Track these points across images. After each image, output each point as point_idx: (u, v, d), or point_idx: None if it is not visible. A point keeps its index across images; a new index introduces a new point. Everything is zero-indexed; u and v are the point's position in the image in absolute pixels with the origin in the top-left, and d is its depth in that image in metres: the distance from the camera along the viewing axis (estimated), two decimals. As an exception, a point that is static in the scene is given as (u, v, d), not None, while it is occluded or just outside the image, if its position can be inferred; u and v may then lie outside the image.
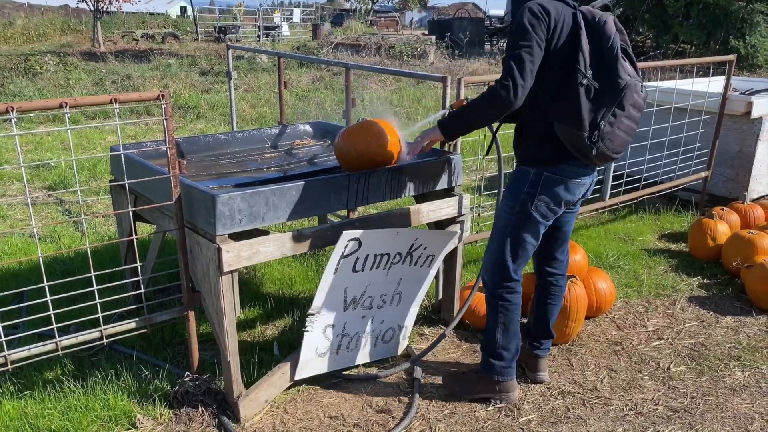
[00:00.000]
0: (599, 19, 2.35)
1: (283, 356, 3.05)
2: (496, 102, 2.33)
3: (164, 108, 2.43)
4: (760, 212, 4.61)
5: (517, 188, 2.54)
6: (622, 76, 2.29)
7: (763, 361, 3.11)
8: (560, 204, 2.53)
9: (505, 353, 2.69)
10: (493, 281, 2.66)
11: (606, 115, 2.30)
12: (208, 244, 2.47)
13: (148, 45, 19.60)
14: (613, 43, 2.31)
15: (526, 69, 2.28)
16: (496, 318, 2.67)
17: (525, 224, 2.54)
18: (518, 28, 2.32)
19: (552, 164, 2.47)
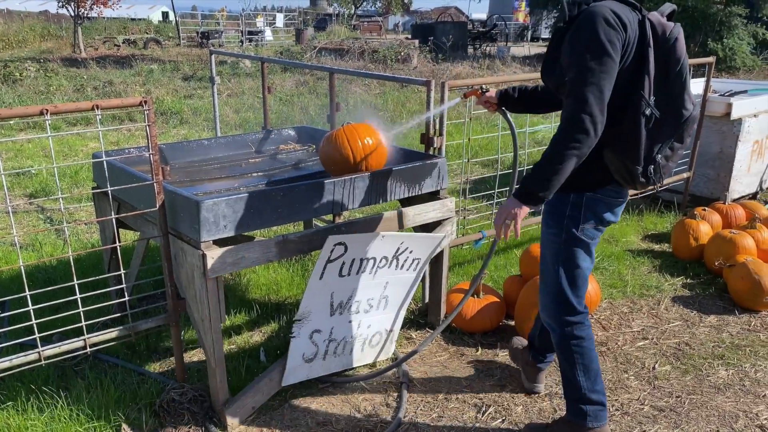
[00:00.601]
0: (670, 35, 2.04)
1: (269, 362, 3.04)
2: (586, 144, 1.97)
3: (147, 114, 2.41)
4: (741, 212, 4.67)
5: (559, 213, 2.28)
6: (687, 107, 2.07)
7: (746, 359, 3.15)
8: (604, 224, 2.30)
9: (594, 395, 2.39)
10: (558, 320, 2.38)
11: (663, 148, 2.09)
12: (192, 250, 2.45)
13: (129, 51, 19.48)
14: (683, 67, 2.05)
15: (605, 97, 1.96)
16: (573, 360, 2.38)
17: (576, 249, 2.29)
18: (593, 44, 1.96)
19: (594, 189, 2.23)
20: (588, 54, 1.96)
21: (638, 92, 2.02)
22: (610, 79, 1.97)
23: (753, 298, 3.62)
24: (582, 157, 2.01)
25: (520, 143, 3.33)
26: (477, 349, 3.25)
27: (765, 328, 3.46)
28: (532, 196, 2.07)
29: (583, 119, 1.94)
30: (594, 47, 1.95)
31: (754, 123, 5.13)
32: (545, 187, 2.04)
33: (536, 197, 2.07)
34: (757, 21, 16.15)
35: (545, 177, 2.03)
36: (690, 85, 2.08)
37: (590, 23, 1.97)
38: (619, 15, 1.99)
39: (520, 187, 2.11)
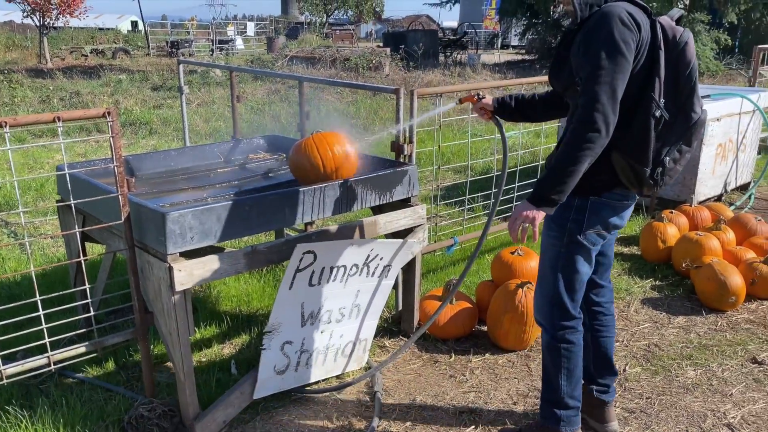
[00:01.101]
0: (680, 39, 2.06)
1: (241, 375, 3.00)
2: (599, 144, 1.98)
3: (111, 125, 2.38)
4: (707, 214, 4.76)
5: (563, 216, 2.24)
6: (696, 110, 2.08)
7: (714, 359, 3.20)
8: (609, 229, 2.28)
9: (572, 401, 2.41)
10: (551, 323, 2.38)
11: (672, 151, 2.09)
12: (159, 263, 2.41)
13: (97, 61, 19.21)
14: (692, 71, 2.06)
15: (618, 97, 1.97)
16: (559, 363, 2.38)
17: (576, 254, 2.28)
18: (608, 43, 1.96)
19: (599, 192, 2.21)
20: (602, 53, 1.96)
21: (649, 94, 2.03)
22: (624, 78, 1.98)
23: (719, 299, 3.68)
24: (595, 157, 2.01)
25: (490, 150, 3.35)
26: (450, 356, 3.25)
27: (731, 328, 3.52)
28: (547, 200, 2.07)
29: (596, 118, 1.95)
30: (609, 46, 1.96)
31: (717, 127, 5.24)
32: (560, 189, 2.04)
33: (551, 200, 2.06)
34: (720, 27, 16.55)
35: (560, 179, 2.02)
36: (699, 89, 2.10)
37: (605, 23, 1.98)
38: (633, 15, 2.01)
39: (534, 190, 2.10)
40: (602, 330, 2.57)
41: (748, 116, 5.68)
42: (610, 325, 2.58)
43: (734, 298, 3.65)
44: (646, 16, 2.08)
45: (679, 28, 2.10)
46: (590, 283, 2.49)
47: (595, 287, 2.54)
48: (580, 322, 2.40)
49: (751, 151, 5.95)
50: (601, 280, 2.54)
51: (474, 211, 5.13)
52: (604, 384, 2.60)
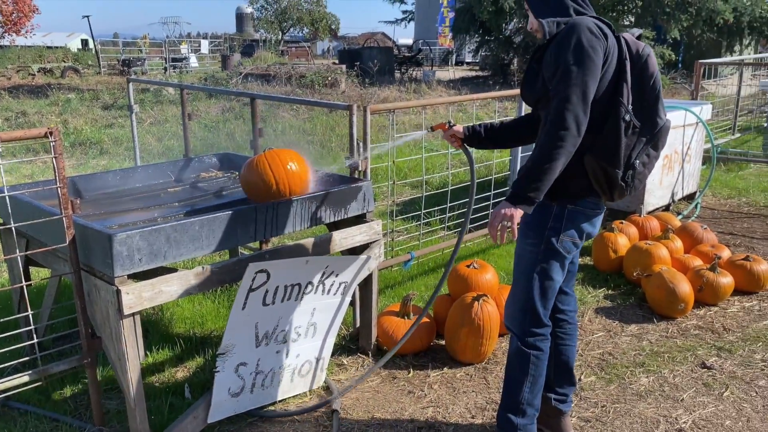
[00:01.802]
0: (642, 52, 2.20)
1: (195, 399, 2.92)
2: (570, 143, 2.07)
3: (53, 146, 2.31)
4: (656, 224, 4.89)
5: (541, 224, 2.32)
6: (661, 116, 2.22)
7: (665, 365, 3.27)
8: (583, 237, 2.36)
9: (530, 409, 2.44)
10: (522, 329, 2.41)
11: (641, 154, 2.20)
12: (106, 286, 2.34)
13: (46, 80, 18.75)
14: (656, 80, 2.21)
15: (588, 99, 2.08)
16: (526, 370, 2.41)
17: (552, 261, 2.34)
18: (577, 50, 2.08)
19: (577, 198, 2.29)
20: (572, 58, 2.08)
21: (618, 99, 2.14)
22: (593, 81, 2.09)
23: (669, 306, 3.78)
24: (569, 156, 2.09)
25: (446, 165, 3.37)
26: (409, 371, 3.23)
27: (681, 335, 3.61)
28: (524, 198, 2.14)
29: (567, 118, 2.05)
30: (578, 52, 2.08)
31: (663, 139, 5.40)
32: (536, 187, 2.11)
33: (528, 198, 2.13)
34: (663, 43, 17.16)
35: (535, 178, 2.10)
36: (662, 98, 2.23)
37: (574, 31, 2.11)
38: (600, 26, 2.15)
39: (512, 190, 2.17)
40: (565, 338, 2.62)
41: (692, 128, 5.88)
42: (573, 334, 2.64)
43: (683, 305, 3.75)
44: (610, 31, 2.20)
45: (640, 43, 2.25)
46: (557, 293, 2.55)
47: (561, 295, 2.59)
48: (549, 331, 2.45)
49: (696, 162, 6.15)
50: (566, 288, 2.60)
51: (431, 225, 5.15)
52: (562, 393, 2.64)
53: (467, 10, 18.79)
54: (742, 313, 3.89)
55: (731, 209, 6.16)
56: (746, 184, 6.98)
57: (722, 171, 7.51)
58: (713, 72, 11.46)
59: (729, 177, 7.26)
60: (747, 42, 18.73)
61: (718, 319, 3.79)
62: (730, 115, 9.76)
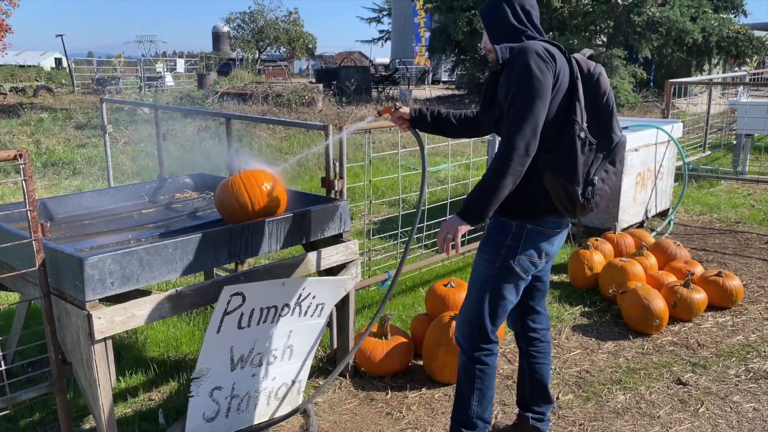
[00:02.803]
0: (594, 71, 2.26)
1: (169, 425, 2.86)
2: (518, 164, 2.12)
3: (23, 168, 2.26)
4: (630, 241, 4.95)
5: (498, 241, 2.35)
6: (616, 132, 2.26)
7: (641, 382, 3.29)
8: (542, 257, 2.38)
9: (480, 423, 2.48)
10: (469, 343, 2.44)
11: (599, 170, 2.24)
12: (77, 311, 2.29)
13: (18, 99, 18.51)
14: (609, 97, 2.26)
15: (539, 121, 2.13)
16: (472, 384, 2.44)
17: (506, 280, 2.36)
18: (526, 74, 2.13)
19: (537, 217, 2.31)
20: (522, 83, 2.14)
21: (572, 118, 2.20)
22: (543, 102, 2.14)
23: (644, 322, 3.81)
24: (517, 176, 2.16)
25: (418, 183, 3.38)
26: (387, 393, 3.21)
27: (656, 351, 3.64)
28: (472, 215, 2.23)
29: (517, 142, 2.11)
30: (527, 76, 2.13)
31: (635, 157, 5.49)
32: (484, 207, 2.20)
33: (476, 215, 2.22)
34: (635, 62, 17.52)
35: (485, 196, 2.18)
36: (616, 114, 2.29)
37: (523, 57, 2.16)
38: (548, 49, 2.20)
39: (463, 206, 2.25)
40: (538, 357, 2.64)
41: (664, 146, 5.99)
42: (546, 352, 2.66)
43: (658, 321, 3.78)
44: (561, 53, 2.26)
45: (591, 62, 2.31)
46: (527, 310, 2.61)
47: (532, 313, 2.62)
48: (497, 347, 2.48)
49: (668, 179, 6.26)
50: (538, 307, 2.63)
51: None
52: (539, 412, 2.67)
53: (443, 30, 19.02)
54: (716, 328, 3.93)
55: (703, 225, 6.27)
56: (717, 200, 7.11)
57: (694, 188, 7.65)
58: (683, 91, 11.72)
59: (700, 194, 7.39)
60: (716, 61, 19.21)
61: (693, 335, 3.83)
62: (700, 133, 9.97)
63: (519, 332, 2.68)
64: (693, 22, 16.72)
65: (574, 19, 17.14)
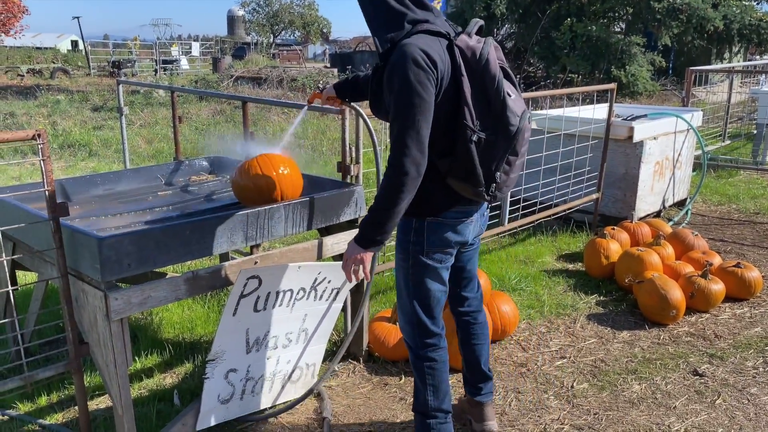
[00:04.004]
0: (480, 57, 2.08)
1: (184, 406, 2.88)
2: (409, 185, 2.03)
3: (41, 148, 2.27)
4: (647, 230, 4.90)
5: (405, 240, 2.32)
6: (512, 122, 2.09)
7: (657, 372, 3.26)
8: (452, 245, 2.33)
9: (440, 414, 2.47)
10: (414, 342, 2.44)
11: (500, 165, 2.14)
12: (94, 291, 2.30)
13: (35, 81, 18.61)
14: (499, 86, 2.08)
15: (423, 137, 2.01)
16: (424, 379, 2.45)
17: (424, 274, 2.33)
18: (405, 88, 1.99)
19: (435, 213, 2.26)
20: (402, 99, 2.00)
21: (462, 122, 2.06)
22: (426, 118, 2.01)
23: (660, 312, 3.77)
24: (410, 195, 2.06)
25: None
26: (400, 378, 3.21)
27: (673, 341, 3.61)
28: (370, 241, 2.14)
29: (404, 162, 2.01)
30: (406, 91, 1.99)
31: (654, 145, 5.42)
32: (380, 231, 2.12)
33: (374, 241, 2.14)
34: (654, 49, 17.27)
35: (379, 222, 2.10)
36: (510, 101, 2.10)
37: (401, 67, 1.99)
38: (428, 53, 2.00)
39: (359, 233, 2.17)
40: (472, 337, 2.67)
41: (683, 135, 5.91)
42: (480, 333, 2.68)
43: (675, 312, 3.74)
44: (443, 46, 2.08)
45: (478, 45, 2.11)
46: (456, 297, 2.64)
47: (462, 299, 2.66)
48: (442, 339, 2.45)
49: (686, 169, 6.18)
50: (465, 293, 2.65)
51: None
52: (478, 386, 2.71)
53: (459, 14, 18.81)
54: (734, 320, 3.89)
55: (721, 216, 6.19)
56: (736, 191, 7.02)
57: (712, 178, 7.55)
58: (703, 79, 11.54)
59: (719, 184, 7.29)
60: (736, 50, 18.89)
61: (710, 326, 3.79)
62: (719, 123, 9.82)
63: (453, 317, 2.72)
64: (714, 9, 16.43)
65: (593, 5, 16.90)
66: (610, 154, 5.35)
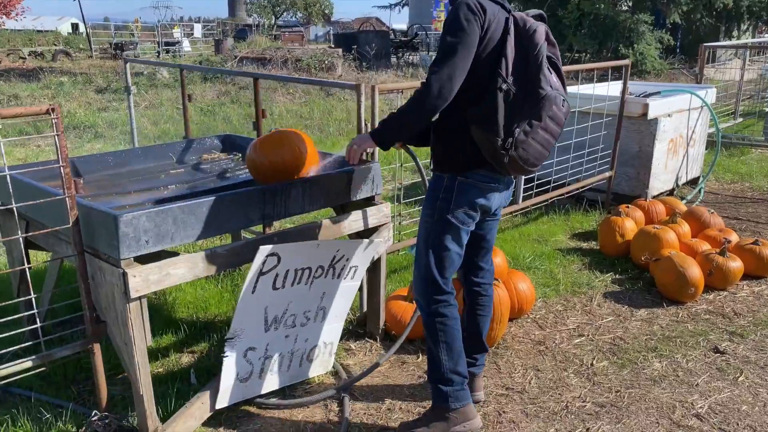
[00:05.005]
0: (529, 27, 2.27)
1: (201, 385, 2.86)
2: (428, 103, 2.22)
3: (55, 123, 2.22)
4: (662, 208, 4.84)
5: (433, 195, 2.45)
6: (543, 87, 2.22)
7: (677, 350, 3.23)
8: (477, 209, 2.42)
9: (456, 376, 2.47)
10: (426, 299, 2.48)
11: (521, 123, 2.22)
12: (111, 269, 2.26)
13: (37, 63, 18.49)
14: (539, 52, 2.23)
15: (458, 67, 2.19)
16: (437, 338, 2.47)
17: (446, 232, 2.42)
18: (453, 23, 2.21)
19: (465, 170, 2.38)
20: (448, 31, 2.22)
21: (497, 71, 2.22)
22: (465, 51, 2.19)
23: (679, 290, 3.73)
24: (426, 114, 2.27)
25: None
26: (418, 356, 3.18)
27: (692, 319, 3.57)
28: (380, 137, 2.40)
29: (433, 83, 2.19)
30: (453, 25, 2.21)
31: (668, 122, 5.34)
32: (391, 133, 2.39)
33: (383, 139, 2.40)
34: (662, 27, 17.06)
35: (394, 125, 2.36)
36: (547, 70, 2.25)
37: (454, 10, 2.25)
38: (482, 3, 2.24)
39: (376, 128, 2.44)
40: (478, 309, 2.73)
41: (697, 112, 5.82)
42: (487, 305, 2.75)
43: (693, 289, 3.70)
44: (502, 10, 2.31)
45: (532, 21, 2.32)
46: (471, 266, 2.69)
47: (476, 269, 2.71)
48: (453, 297, 2.50)
49: (699, 147, 6.10)
50: (481, 263, 2.71)
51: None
52: (473, 357, 2.74)
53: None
54: (752, 297, 3.85)
55: (735, 194, 6.12)
56: (749, 169, 6.94)
57: (724, 156, 7.47)
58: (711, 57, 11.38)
59: (731, 162, 7.22)
60: (745, 27, 18.66)
61: (728, 304, 3.75)
62: (728, 101, 9.70)
63: (463, 285, 2.76)
64: (724, -15, 16.21)
65: (600, -17, 16.67)
66: (624, 132, 5.27)
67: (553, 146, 2.35)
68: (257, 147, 2.75)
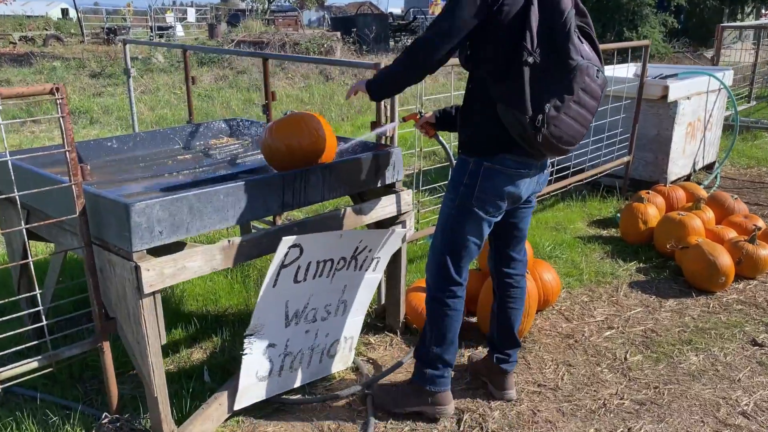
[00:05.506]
0: None
1: (214, 382, 2.70)
2: (418, 59, 2.17)
3: (60, 104, 2.04)
4: (682, 194, 4.68)
5: (457, 180, 2.31)
6: (573, 57, 2.03)
7: (713, 342, 3.08)
8: (504, 198, 2.27)
9: (440, 363, 2.45)
10: (434, 283, 2.42)
11: (551, 98, 2.04)
12: (122, 262, 2.09)
13: (27, 48, 18.12)
14: (567, 19, 2.04)
15: (452, 31, 2.09)
16: (434, 322, 2.43)
17: (466, 220, 2.29)
18: None
19: (492, 154, 2.22)
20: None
21: (521, 44, 2.05)
22: (463, 12, 2.08)
23: (709, 279, 3.58)
24: (412, 71, 2.21)
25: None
26: (441, 351, 3.02)
27: (724, 310, 3.42)
28: (371, 86, 2.34)
29: (424, 41, 2.14)
30: None
31: (687, 105, 5.17)
32: (380, 86, 2.34)
33: (373, 89, 2.34)
34: (666, 10, 16.83)
35: (384, 78, 2.32)
36: (577, 39, 2.07)
37: None
38: None
39: (372, 77, 2.37)
40: (510, 301, 2.60)
41: (714, 95, 5.66)
42: (519, 297, 2.62)
43: (724, 279, 3.55)
44: None
45: None
46: (503, 256, 2.57)
47: (508, 260, 2.58)
48: (462, 289, 2.42)
49: (716, 130, 5.94)
50: (513, 253, 2.57)
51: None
52: (506, 353, 2.63)
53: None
54: (784, 286, 3.71)
55: (752, 179, 5.97)
56: (765, 153, 6.79)
57: (738, 140, 7.30)
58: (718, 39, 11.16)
59: (745, 146, 7.07)
60: (749, 9, 18.44)
61: (760, 294, 3.61)
62: (739, 84, 9.51)
63: (494, 276, 2.64)
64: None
65: (602, -35, 16.40)
66: (642, 115, 5.10)
67: (589, 122, 2.16)
68: (273, 131, 2.56)
